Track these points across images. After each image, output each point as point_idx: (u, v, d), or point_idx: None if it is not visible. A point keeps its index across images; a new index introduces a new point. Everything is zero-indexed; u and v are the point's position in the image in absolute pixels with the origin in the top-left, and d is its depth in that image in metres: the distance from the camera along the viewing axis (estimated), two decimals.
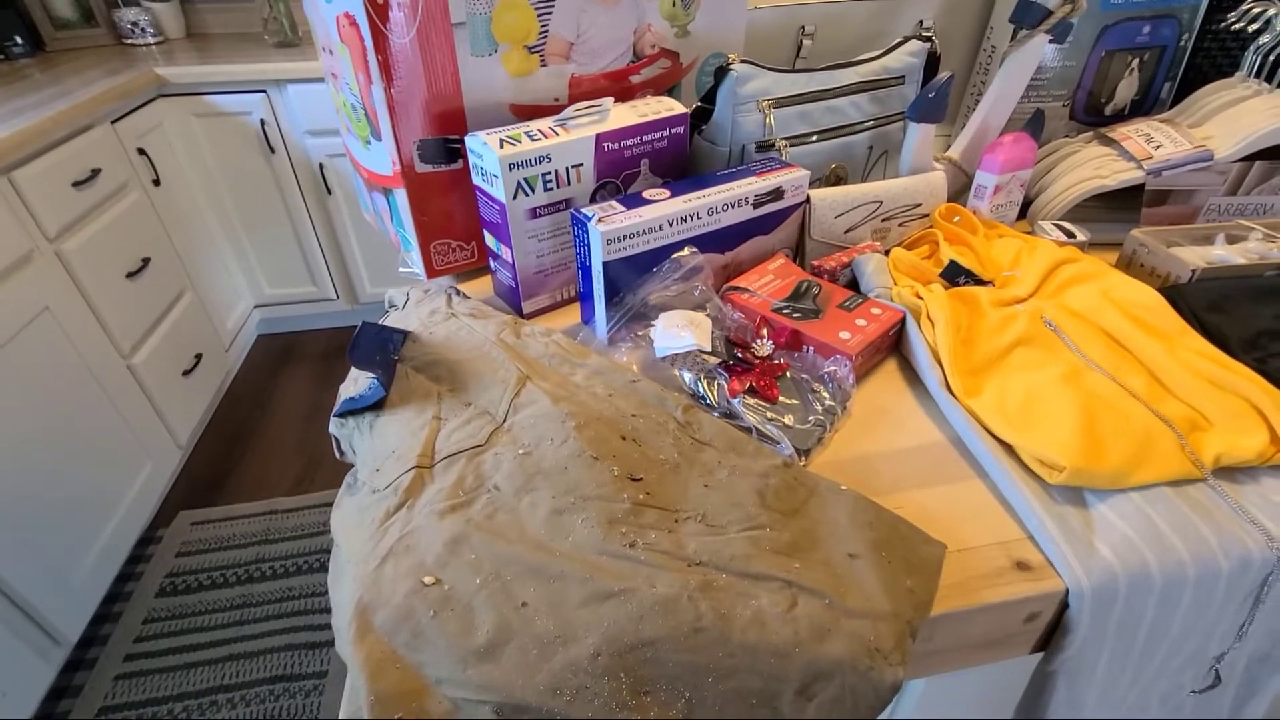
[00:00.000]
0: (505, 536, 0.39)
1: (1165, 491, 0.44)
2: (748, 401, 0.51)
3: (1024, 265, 0.63)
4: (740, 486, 0.42)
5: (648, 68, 0.71)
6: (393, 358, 0.52)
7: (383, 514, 0.41)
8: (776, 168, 0.64)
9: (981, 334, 0.56)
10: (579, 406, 0.47)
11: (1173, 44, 0.81)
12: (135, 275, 1.52)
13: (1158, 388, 0.51)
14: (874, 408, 0.54)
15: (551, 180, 0.60)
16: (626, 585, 0.36)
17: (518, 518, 0.40)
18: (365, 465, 0.47)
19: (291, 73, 1.72)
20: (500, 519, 0.40)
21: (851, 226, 0.68)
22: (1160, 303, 0.56)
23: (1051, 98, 0.82)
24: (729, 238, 0.63)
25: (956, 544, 0.42)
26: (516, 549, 0.38)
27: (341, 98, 0.68)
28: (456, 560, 0.38)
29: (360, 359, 0.51)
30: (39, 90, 1.50)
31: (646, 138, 0.64)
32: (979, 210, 0.72)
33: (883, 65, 0.73)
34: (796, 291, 0.61)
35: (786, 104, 0.68)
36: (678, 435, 0.46)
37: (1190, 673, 0.47)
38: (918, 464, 0.49)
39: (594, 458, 0.42)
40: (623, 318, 0.59)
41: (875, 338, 0.56)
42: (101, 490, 1.36)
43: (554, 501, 0.41)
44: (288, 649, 1.30)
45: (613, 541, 0.38)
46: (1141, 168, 0.72)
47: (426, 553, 0.38)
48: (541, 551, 0.38)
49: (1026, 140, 0.70)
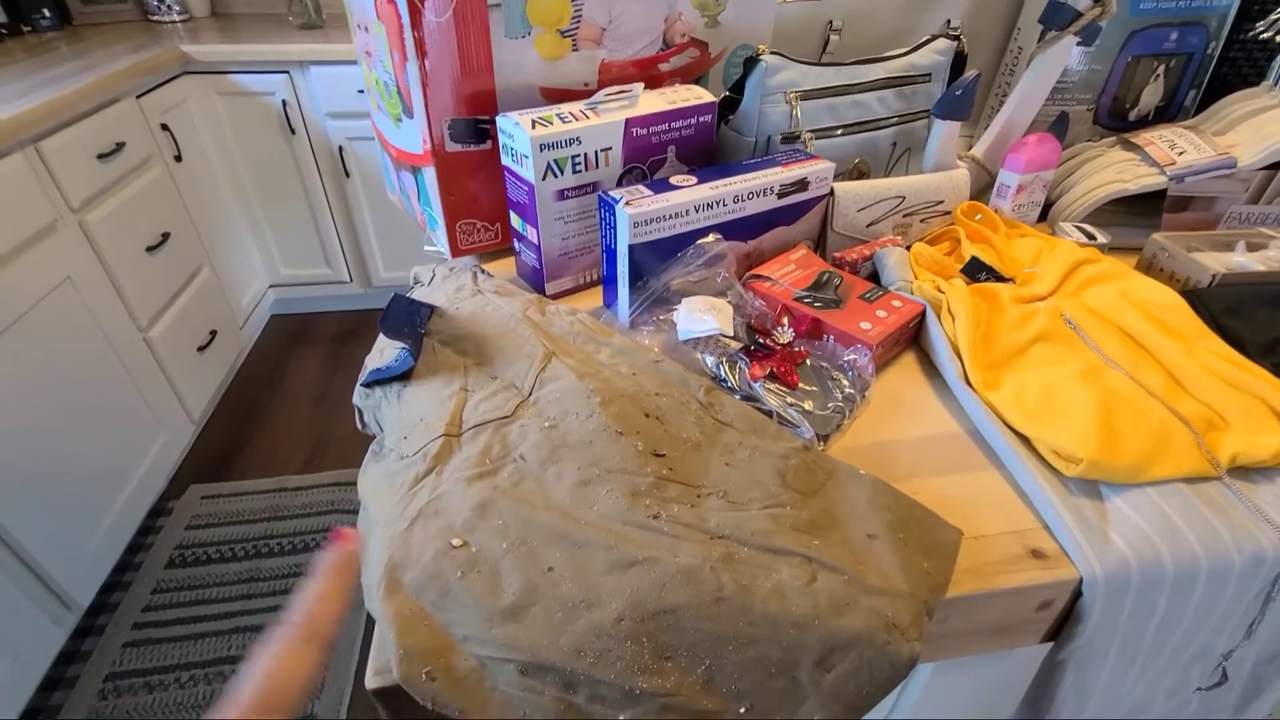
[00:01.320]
0: (531, 504, 0.40)
1: (1180, 487, 0.44)
2: (768, 386, 0.52)
3: (1044, 264, 0.63)
4: (761, 466, 0.43)
5: (677, 56, 0.71)
6: (420, 331, 0.53)
7: (412, 479, 0.42)
8: (802, 159, 0.65)
9: (1001, 329, 0.56)
10: (603, 383, 0.48)
11: (1199, 51, 0.81)
12: (155, 249, 1.53)
13: (1175, 387, 0.51)
14: (892, 397, 0.55)
15: (580, 163, 0.60)
16: (650, 554, 0.37)
17: (543, 487, 0.41)
18: (393, 433, 0.48)
19: (315, 54, 1.73)
20: (526, 487, 0.41)
21: (874, 221, 0.68)
22: (1179, 303, 0.57)
23: (1076, 101, 0.82)
24: (753, 226, 0.63)
25: (972, 531, 0.43)
26: (542, 515, 0.39)
27: (374, 75, 0.69)
28: (484, 525, 0.39)
29: (391, 329, 0.52)
30: (65, 63, 1.51)
31: (674, 125, 0.65)
32: (1001, 209, 0.72)
33: (910, 62, 0.73)
34: (818, 282, 0.62)
35: (814, 97, 0.69)
36: (700, 415, 0.47)
37: (1197, 669, 0.47)
38: (935, 453, 0.50)
39: (618, 433, 0.43)
40: (645, 301, 0.60)
41: (895, 329, 0.57)
42: (115, 460, 1.38)
43: (579, 473, 0.42)
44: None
45: (636, 512, 0.39)
46: (1164, 173, 0.72)
47: (455, 516, 0.39)
48: (567, 519, 0.39)
49: (1051, 141, 0.70)
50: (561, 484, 0.41)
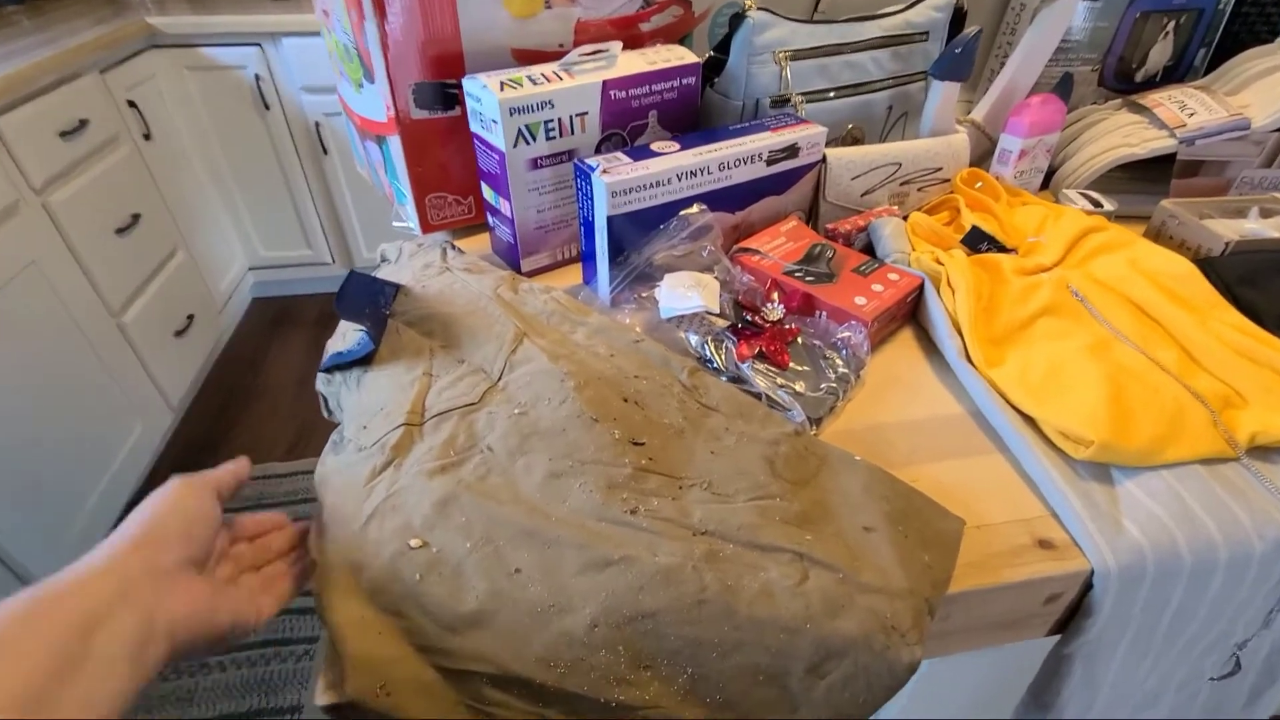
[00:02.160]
0: (498, 499, 0.37)
1: (1197, 470, 0.42)
2: (757, 367, 0.48)
3: (1049, 233, 0.60)
4: (748, 454, 0.40)
5: (658, 15, 0.67)
6: (383, 311, 0.50)
7: (369, 472, 0.39)
8: (792, 123, 0.60)
9: (1004, 302, 0.53)
10: (578, 366, 0.44)
11: (1211, 7, 0.77)
12: (125, 231, 1.48)
13: (1189, 362, 0.48)
14: (889, 377, 0.52)
15: (554, 128, 0.56)
16: (626, 553, 0.33)
17: (511, 480, 0.38)
18: (352, 422, 0.45)
19: (287, 25, 1.66)
20: (493, 481, 0.38)
21: (868, 189, 0.65)
22: (1192, 272, 0.53)
23: (1081, 61, 0.78)
24: (740, 196, 0.59)
25: (975, 520, 0.40)
26: (509, 512, 0.36)
27: (334, 39, 0.64)
28: (445, 522, 0.36)
29: (348, 310, 0.48)
30: (24, 37, 1.44)
31: (656, 87, 0.60)
32: (1002, 176, 0.68)
33: (906, 20, 0.69)
34: (809, 255, 0.58)
35: (804, 56, 0.65)
36: (683, 399, 0.43)
37: (1211, 659, 0.45)
38: (934, 436, 0.46)
39: (594, 419, 0.40)
40: (626, 278, 0.57)
41: (892, 304, 0.53)
42: (91, 449, 1.34)
43: (550, 464, 0.38)
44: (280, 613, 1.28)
45: (612, 507, 0.36)
46: (1174, 136, 0.68)
47: (414, 513, 0.36)
48: (536, 516, 0.36)
49: (1055, 102, 0.66)
50: (531, 477, 0.38)
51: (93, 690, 0.24)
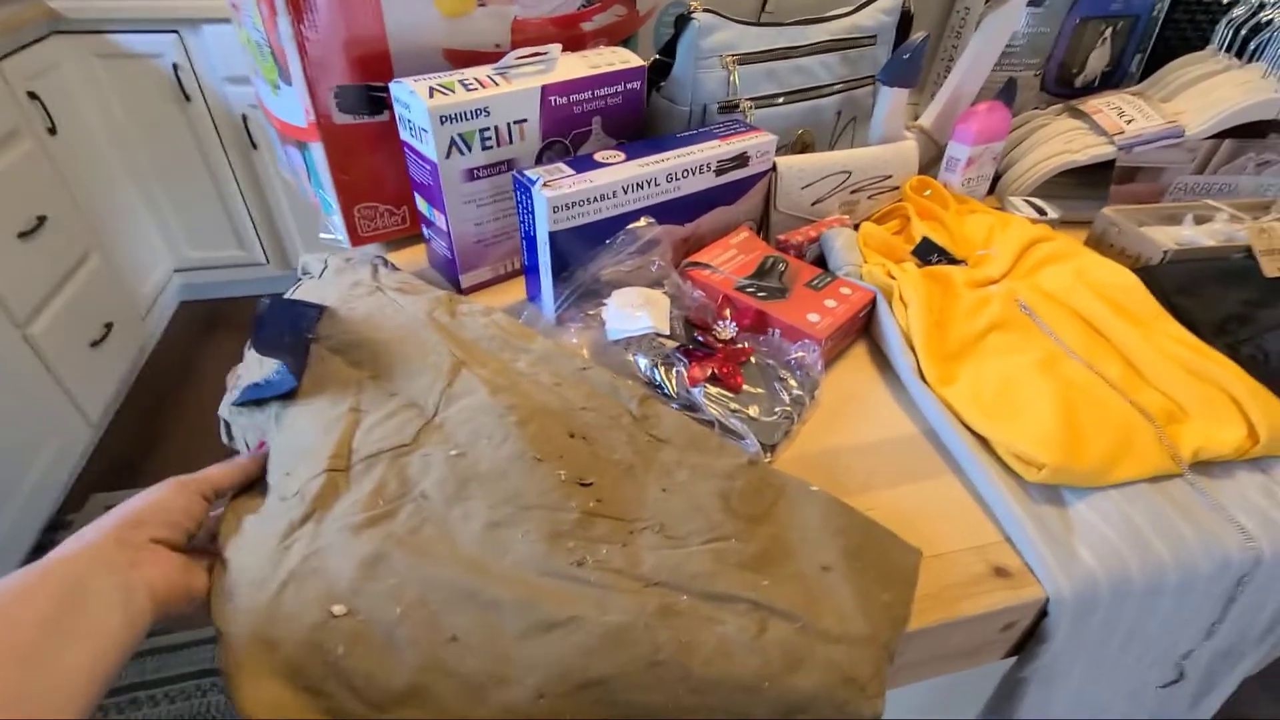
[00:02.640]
0: (432, 555, 0.34)
1: (1144, 489, 0.42)
2: (709, 391, 0.46)
3: (997, 243, 0.60)
4: (702, 489, 0.38)
5: (600, 14, 0.64)
6: (306, 336, 0.45)
7: (285, 528, 0.35)
8: (741, 130, 0.58)
9: (955, 317, 0.52)
10: (521, 398, 0.41)
11: (1145, 13, 0.78)
12: (29, 235, 1.36)
13: (1134, 376, 0.48)
14: (843, 396, 0.50)
15: (491, 137, 0.53)
16: (573, 612, 0.31)
17: (448, 532, 0.35)
18: (275, 468, 0.41)
19: (207, 11, 1.55)
20: (427, 533, 0.35)
21: (819, 198, 0.63)
22: (1136, 285, 0.54)
23: (1024, 66, 0.78)
24: (689, 208, 0.57)
25: (932, 548, 0.39)
26: (445, 570, 0.33)
27: (245, 33, 0.59)
28: (373, 585, 0.32)
29: (266, 344, 0.44)
30: None
31: (599, 92, 0.57)
32: (950, 184, 0.68)
33: (854, 23, 0.67)
34: (761, 268, 0.57)
35: (753, 60, 0.63)
36: (633, 432, 0.41)
37: (1157, 670, 0.46)
38: (890, 459, 0.45)
39: (537, 459, 0.37)
40: (572, 295, 0.54)
41: (845, 320, 0.52)
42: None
43: (490, 512, 0.35)
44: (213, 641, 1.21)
45: (558, 559, 0.33)
46: (1113, 143, 0.69)
47: (337, 576, 0.33)
48: (475, 573, 0.33)
49: (1001, 110, 0.66)
50: (469, 527, 0.35)
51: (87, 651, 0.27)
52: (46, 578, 0.28)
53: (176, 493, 0.35)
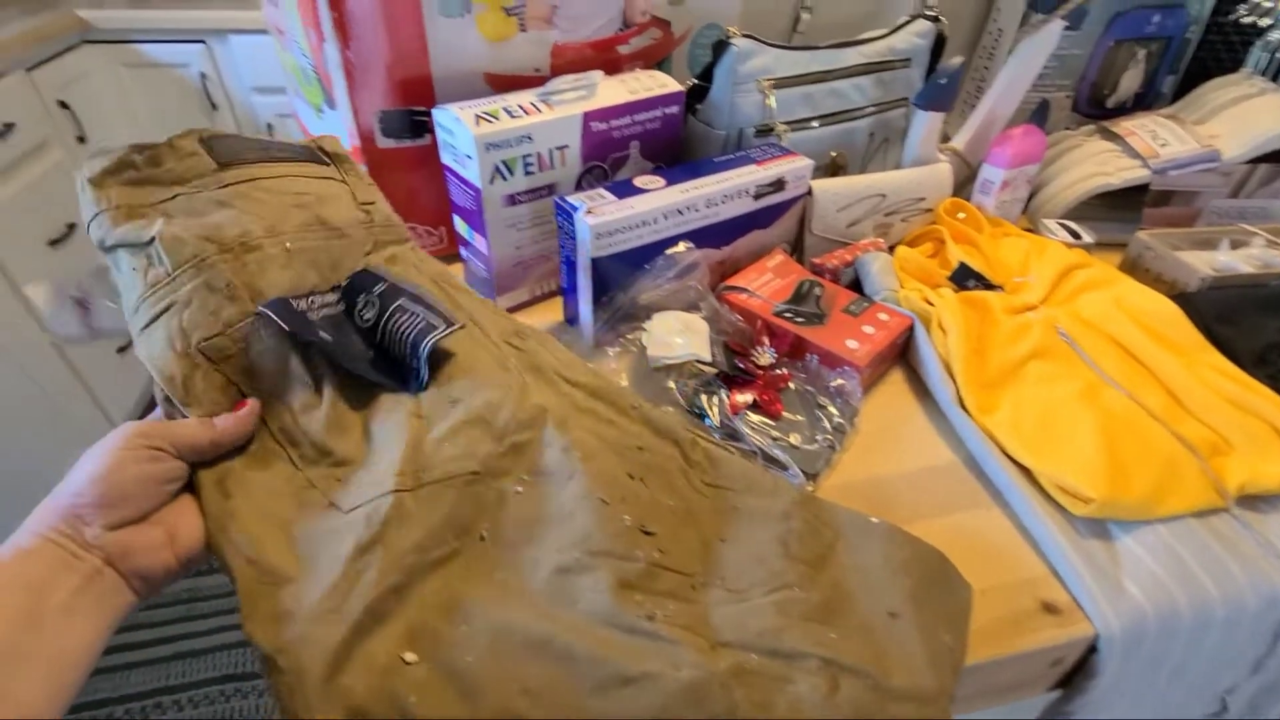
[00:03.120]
0: (505, 601, 0.33)
1: (1191, 524, 0.42)
2: (750, 420, 0.47)
3: (1034, 269, 0.60)
4: (760, 536, 0.38)
5: (637, 38, 0.64)
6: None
7: (351, 551, 0.34)
8: (778, 155, 0.59)
9: (994, 344, 0.52)
10: (585, 434, 0.40)
11: (1179, 35, 0.78)
12: (59, 242, 1.38)
13: (1176, 407, 0.48)
14: (882, 423, 0.51)
15: (533, 163, 0.53)
16: (648, 668, 0.30)
17: (519, 575, 0.34)
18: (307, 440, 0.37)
19: (234, 22, 1.57)
20: (498, 578, 0.34)
21: (854, 221, 0.64)
22: (1176, 314, 0.54)
23: (1055, 88, 0.78)
24: (726, 231, 0.57)
25: (979, 582, 0.39)
26: (518, 617, 0.32)
27: (289, 58, 0.60)
28: (447, 630, 0.32)
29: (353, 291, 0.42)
30: None
31: (638, 118, 0.58)
32: (984, 206, 0.68)
33: (889, 46, 0.68)
34: (798, 293, 0.57)
35: (789, 84, 0.63)
36: (688, 474, 0.40)
37: (1200, 704, 0.45)
38: (932, 488, 0.46)
39: (603, 501, 0.36)
40: (611, 319, 0.54)
41: (884, 347, 0.52)
42: (24, 479, 1.25)
43: (559, 556, 0.35)
44: (238, 645, 1.23)
45: (627, 611, 0.33)
46: (1147, 166, 0.69)
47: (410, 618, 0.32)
48: (547, 622, 0.32)
49: (1036, 134, 0.66)
50: (539, 572, 0.34)
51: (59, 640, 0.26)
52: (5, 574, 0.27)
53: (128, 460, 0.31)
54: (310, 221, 0.42)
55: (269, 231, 0.40)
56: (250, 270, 0.38)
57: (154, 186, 0.39)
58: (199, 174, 0.40)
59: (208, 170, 0.40)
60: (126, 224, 0.37)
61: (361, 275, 0.42)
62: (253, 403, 0.36)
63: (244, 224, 0.39)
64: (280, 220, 0.40)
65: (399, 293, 0.41)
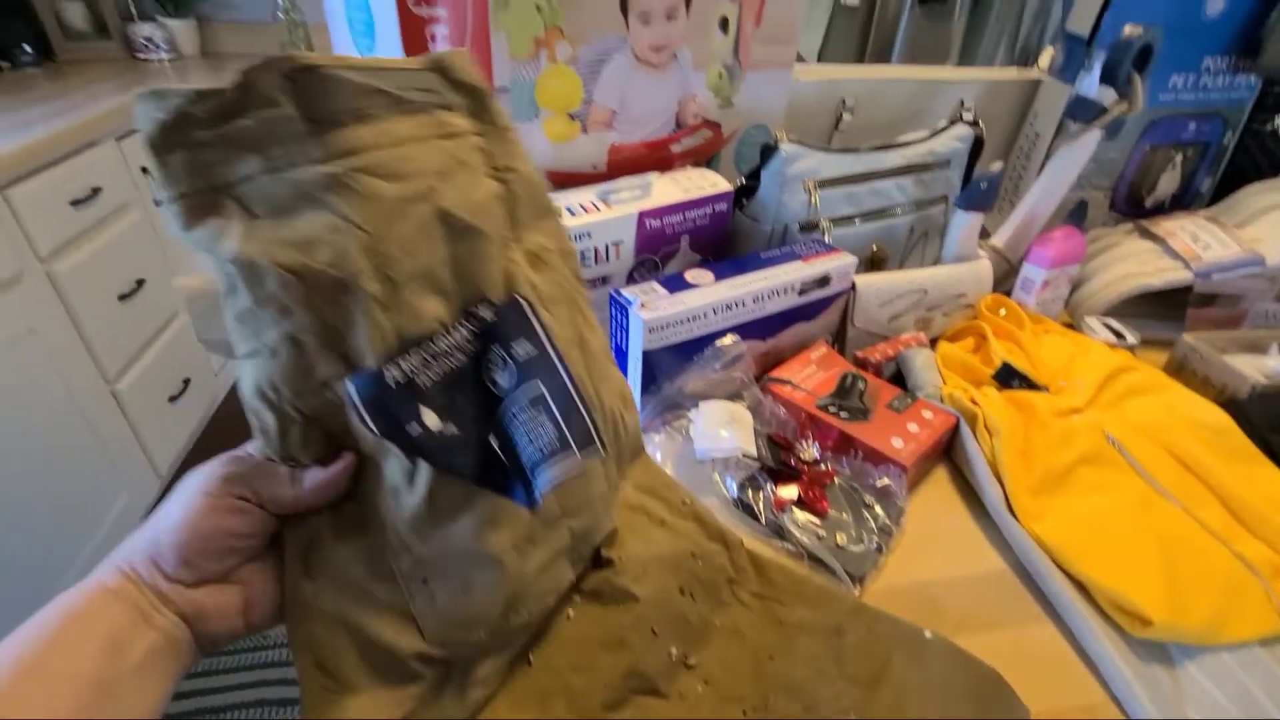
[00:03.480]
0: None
1: (1259, 654, 0.40)
2: (797, 518, 0.47)
3: (1078, 370, 0.60)
4: (814, 650, 0.37)
5: (689, 137, 0.68)
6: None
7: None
8: (822, 252, 0.61)
9: (1042, 447, 0.52)
10: (640, 546, 0.40)
11: (1216, 141, 0.80)
12: (128, 297, 1.46)
13: (1235, 524, 0.47)
14: (927, 523, 0.50)
15: (590, 257, 0.56)
16: None
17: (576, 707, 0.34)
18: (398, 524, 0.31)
19: None
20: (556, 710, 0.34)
21: (896, 315, 0.65)
22: (1230, 425, 0.53)
23: (1092, 187, 0.80)
24: (771, 324, 0.59)
25: (1036, 704, 0.38)
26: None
27: None
28: None
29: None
30: (45, 103, 1.46)
31: (689, 214, 0.61)
32: (1025, 303, 0.69)
33: (929, 149, 0.71)
34: (841, 386, 0.58)
35: (832, 184, 0.66)
36: (734, 585, 0.41)
37: None
38: (982, 597, 0.45)
39: (653, 632, 0.36)
40: (658, 406, 0.56)
41: (929, 446, 0.52)
42: (74, 524, 1.29)
43: (606, 693, 0.34)
44: (258, 704, 1.22)
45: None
46: (1189, 268, 0.70)
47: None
48: None
49: (1077, 236, 0.67)
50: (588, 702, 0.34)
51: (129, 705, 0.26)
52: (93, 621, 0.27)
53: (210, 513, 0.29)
54: (427, 222, 0.31)
55: (370, 250, 0.29)
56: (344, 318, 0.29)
57: (226, 150, 0.28)
58: (286, 136, 0.28)
59: (297, 131, 0.29)
60: (197, 225, 0.28)
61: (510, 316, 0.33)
62: (347, 460, 0.31)
63: (339, 242, 0.28)
64: (387, 228, 0.30)
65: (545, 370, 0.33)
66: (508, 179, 0.34)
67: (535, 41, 0.55)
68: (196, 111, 0.27)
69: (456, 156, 0.32)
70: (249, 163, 0.28)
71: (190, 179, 0.27)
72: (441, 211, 0.31)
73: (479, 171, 0.33)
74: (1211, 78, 0.75)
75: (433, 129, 0.31)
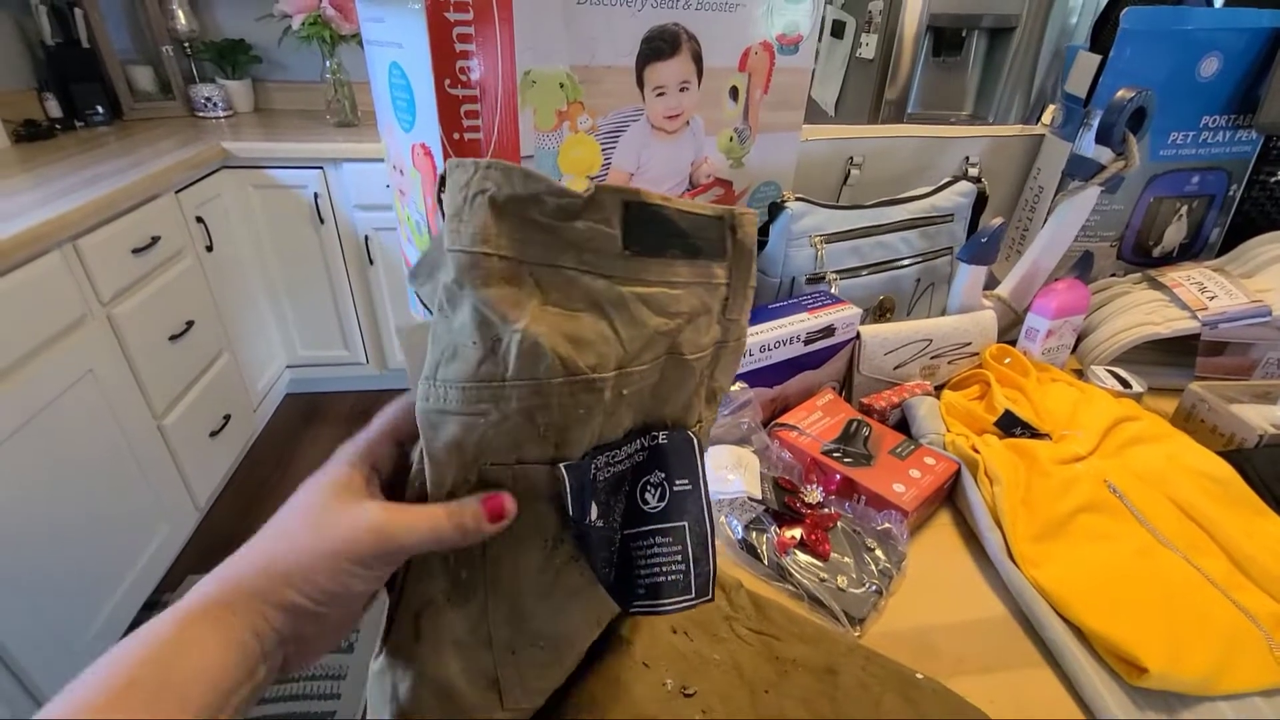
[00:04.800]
0: None
1: (1258, 704, 0.41)
2: (799, 560, 0.49)
3: (1082, 418, 0.61)
4: (808, 688, 0.39)
5: (702, 195, 0.73)
6: None
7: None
8: (828, 303, 0.64)
9: (1043, 495, 0.54)
10: None
11: (1221, 193, 0.81)
12: (178, 338, 1.55)
13: (1237, 574, 0.48)
14: (927, 568, 0.52)
15: None
16: None
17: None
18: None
19: (348, 152, 1.81)
20: None
21: (901, 363, 0.67)
22: (1233, 476, 0.54)
23: (1098, 238, 0.82)
24: (778, 372, 0.62)
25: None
26: None
27: (406, 213, 0.71)
28: None
29: None
30: (113, 159, 1.58)
31: None
32: (1030, 351, 0.71)
33: (932, 204, 0.74)
34: (846, 432, 0.60)
35: (839, 239, 0.69)
36: (731, 622, 0.43)
37: None
38: (979, 641, 0.46)
39: (644, 665, 0.39)
40: None
41: (930, 492, 0.54)
42: (115, 554, 1.35)
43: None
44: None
45: None
46: (1196, 318, 0.71)
47: None
48: None
49: (1080, 288, 0.69)
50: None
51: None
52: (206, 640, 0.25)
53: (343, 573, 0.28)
54: (662, 353, 0.33)
55: (619, 367, 0.31)
56: (575, 415, 0.31)
57: (549, 238, 0.29)
58: (602, 248, 0.30)
59: (613, 250, 0.31)
60: (497, 289, 0.28)
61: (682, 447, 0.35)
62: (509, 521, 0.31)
63: (603, 350, 0.31)
64: (638, 353, 0.32)
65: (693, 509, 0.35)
66: (729, 328, 0.35)
67: (559, 114, 0.60)
68: (548, 199, 0.29)
69: (706, 304, 0.33)
70: (566, 257, 0.30)
71: (511, 246, 0.29)
72: (675, 346, 0.33)
73: (714, 316, 0.34)
74: (1212, 134, 0.77)
75: (701, 277, 0.33)
